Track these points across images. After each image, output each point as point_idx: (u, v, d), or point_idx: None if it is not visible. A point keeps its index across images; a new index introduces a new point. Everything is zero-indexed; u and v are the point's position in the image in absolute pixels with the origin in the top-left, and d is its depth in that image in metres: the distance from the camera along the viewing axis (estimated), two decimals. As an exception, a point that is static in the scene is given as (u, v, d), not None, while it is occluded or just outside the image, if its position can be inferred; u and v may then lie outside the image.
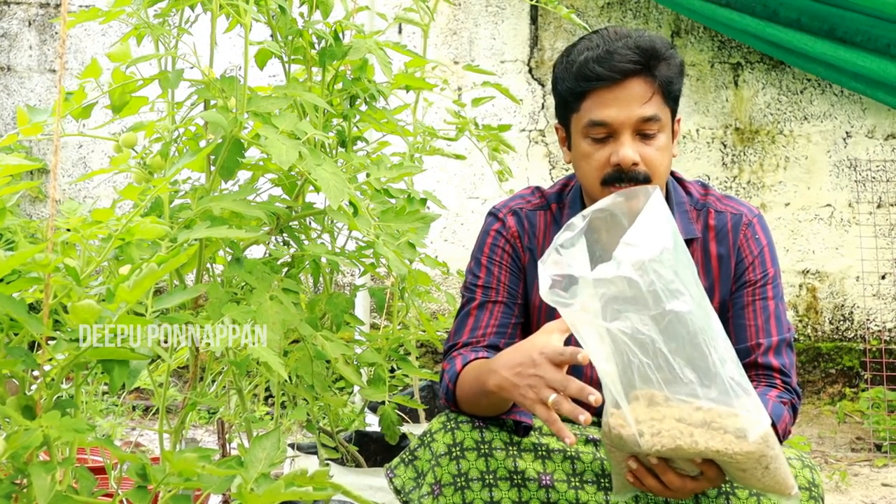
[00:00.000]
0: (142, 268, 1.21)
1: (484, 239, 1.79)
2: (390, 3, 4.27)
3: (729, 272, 1.71)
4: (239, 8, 1.44)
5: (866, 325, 4.24)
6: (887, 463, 3.56)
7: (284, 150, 1.39)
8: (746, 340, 1.68)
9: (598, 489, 1.59)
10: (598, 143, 1.64)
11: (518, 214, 1.79)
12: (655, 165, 1.63)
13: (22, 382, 1.27)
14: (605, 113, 1.62)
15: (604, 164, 1.63)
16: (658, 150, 1.63)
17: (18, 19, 4.77)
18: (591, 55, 1.62)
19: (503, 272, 1.75)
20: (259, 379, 2.04)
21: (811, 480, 1.55)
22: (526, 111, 4.44)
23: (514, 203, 1.81)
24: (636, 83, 1.62)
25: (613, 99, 1.61)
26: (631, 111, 1.61)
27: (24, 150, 4.41)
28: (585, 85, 1.63)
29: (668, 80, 1.63)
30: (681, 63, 1.67)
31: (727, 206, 1.75)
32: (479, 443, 1.59)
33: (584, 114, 1.64)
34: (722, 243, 1.72)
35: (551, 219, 1.78)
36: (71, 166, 4.69)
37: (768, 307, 1.70)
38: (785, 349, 1.68)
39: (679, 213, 1.72)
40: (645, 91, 1.62)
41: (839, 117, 4.28)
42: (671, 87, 1.64)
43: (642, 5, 4.39)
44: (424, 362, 4.30)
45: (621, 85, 1.61)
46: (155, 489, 1.21)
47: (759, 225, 1.74)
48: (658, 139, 1.63)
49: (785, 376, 1.66)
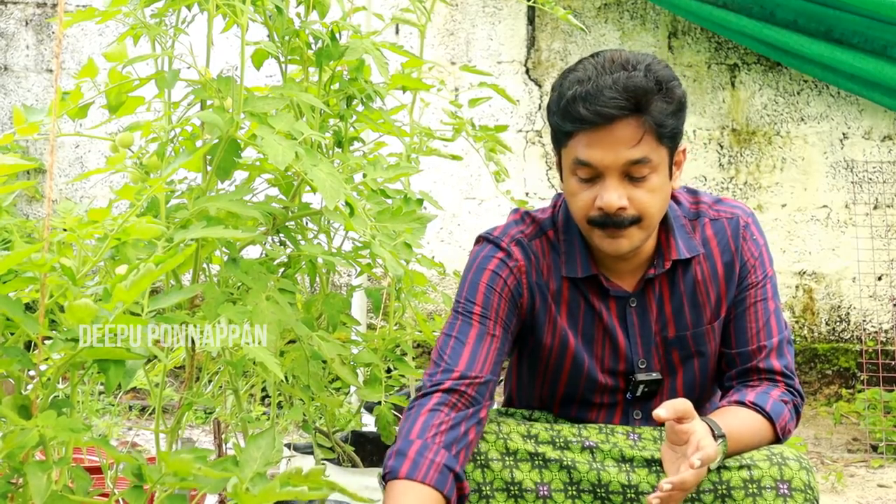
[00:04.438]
0: (138, 268, 1.21)
1: (484, 264, 1.69)
2: (387, 4, 4.27)
3: (734, 277, 1.70)
4: (235, 8, 1.44)
5: (863, 326, 4.25)
6: (883, 464, 3.56)
7: (281, 151, 1.39)
8: (748, 344, 1.69)
9: (595, 498, 1.59)
10: (584, 182, 1.57)
11: (522, 245, 1.70)
12: (645, 206, 1.56)
13: (18, 382, 1.27)
14: (591, 154, 1.54)
15: (589, 205, 1.57)
16: (649, 193, 1.55)
17: (15, 19, 4.76)
18: (579, 91, 1.53)
19: (502, 304, 1.67)
20: (255, 379, 2.03)
21: (807, 483, 1.55)
22: (523, 112, 4.45)
23: (514, 231, 1.72)
24: (624, 125, 1.52)
25: (598, 140, 1.53)
26: (617, 154, 1.52)
27: (21, 149, 4.41)
28: (570, 126, 1.55)
29: (661, 121, 1.53)
30: (679, 99, 1.56)
31: (720, 211, 1.72)
32: (475, 454, 1.59)
33: (571, 151, 1.58)
34: (725, 252, 1.70)
35: (549, 245, 1.71)
36: (67, 166, 4.69)
37: (768, 307, 1.70)
38: (786, 348, 1.69)
39: (678, 230, 1.68)
40: (633, 133, 1.52)
41: (836, 119, 4.29)
42: (664, 128, 1.54)
43: (639, 6, 4.39)
44: (421, 363, 4.30)
45: (607, 128, 1.52)
46: (151, 489, 1.21)
47: (754, 225, 1.74)
48: (650, 181, 1.55)
49: (787, 378, 1.67)
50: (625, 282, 1.70)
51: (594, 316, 1.69)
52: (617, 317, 1.69)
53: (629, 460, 1.61)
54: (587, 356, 1.70)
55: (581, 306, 1.70)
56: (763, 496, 1.54)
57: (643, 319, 1.69)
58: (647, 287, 1.69)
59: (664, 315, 1.70)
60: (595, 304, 1.69)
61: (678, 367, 1.71)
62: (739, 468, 1.56)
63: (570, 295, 1.69)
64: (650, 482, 1.58)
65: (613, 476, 1.59)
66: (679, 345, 1.70)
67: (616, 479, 1.59)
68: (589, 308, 1.70)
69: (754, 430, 1.59)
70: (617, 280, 1.69)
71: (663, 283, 1.69)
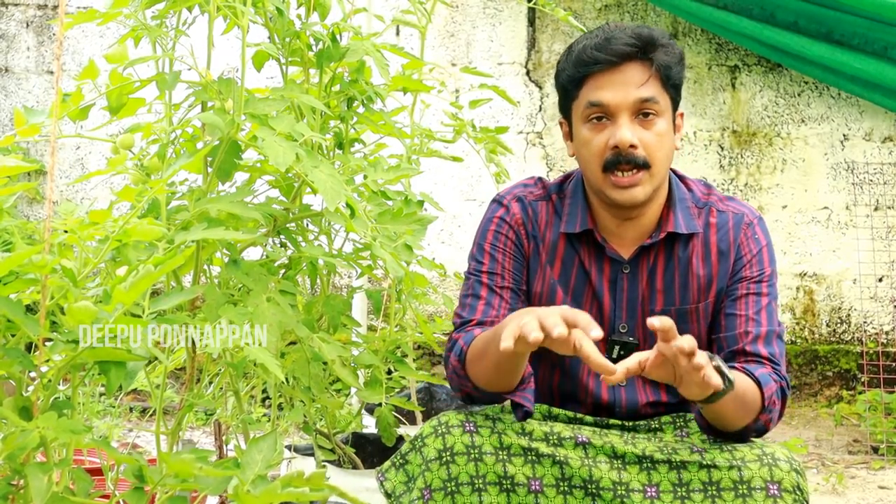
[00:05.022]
0: (139, 269, 1.21)
1: (487, 226, 1.79)
2: (388, 5, 4.27)
3: (727, 268, 1.73)
4: (236, 10, 1.44)
5: (863, 327, 4.25)
6: (884, 465, 3.56)
7: (281, 152, 1.39)
8: (735, 328, 1.69)
9: (586, 494, 1.59)
10: (596, 127, 1.66)
11: (522, 202, 1.79)
12: (654, 150, 1.64)
13: (19, 383, 1.27)
14: (603, 94, 1.64)
15: (603, 148, 1.65)
16: (657, 135, 1.65)
17: (16, 21, 4.76)
18: (589, 43, 1.66)
19: (507, 259, 1.76)
20: (256, 380, 2.04)
21: (796, 485, 1.55)
22: (523, 113, 4.45)
23: (518, 190, 1.81)
24: (633, 66, 1.64)
25: (610, 82, 1.64)
26: (628, 93, 1.63)
27: (22, 151, 4.41)
28: (584, 70, 1.66)
29: (667, 65, 1.65)
30: (681, 53, 1.69)
31: (729, 206, 1.76)
32: (469, 447, 1.59)
33: (583, 98, 1.67)
34: (723, 240, 1.73)
35: (552, 209, 1.78)
36: (68, 168, 4.69)
37: (761, 301, 1.71)
38: (775, 340, 1.69)
39: (681, 209, 1.73)
40: (642, 74, 1.64)
41: (836, 120, 4.29)
42: (670, 73, 1.66)
43: (639, 7, 4.39)
44: (421, 364, 4.30)
45: (618, 68, 1.64)
46: (151, 490, 1.21)
47: (760, 226, 1.75)
48: (657, 124, 1.65)
49: (774, 364, 1.66)
50: (623, 248, 1.74)
51: (585, 275, 1.75)
52: (608, 279, 1.74)
53: (621, 456, 1.61)
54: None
55: (574, 263, 1.75)
56: (753, 497, 1.54)
57: (632, 286, 1.73)
58: (643, 255, 1.73)
59: (654, 286, 1.73)
60: (587, 264, 1.75)
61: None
62: (729, 468, 1.56)
63: (565, 252, 1.76)
64: (640, 480, 1.59)
65: (605, 472, 1.59)
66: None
67: (607, 475, 1.59)
68: (581, 267, 1.75)
69: (746, 387, 1.58)
70: (616, 245, 1.74)
71: (659, 255, 1.73)
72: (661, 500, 1.56)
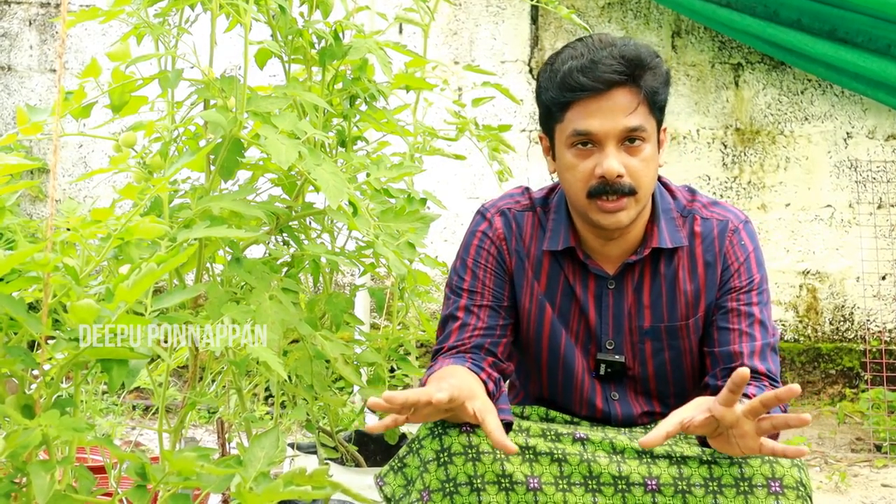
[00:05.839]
0: (141, 267, 1.21)
1: (470, 240, 1.79)
2: (390, 3, 4.27)
3: (715, 279, 1.71)
4: (239, 7, 1.44)
5: (866, 325, 4.24)
6: (887, 464, 3.56)
7: (284, 150, 1.39)
8: (729, 344, 1.67)
9: (586, 491, 1.59)
10: (582, 154, 1.62)
11: (506, 215, 1.78)
12: (640, 176, 1.61)
13: (21, 381, 1.27)
14: (590, 123, 1.59)
15: (588, 175, 1.62)
16: (643, 162, 1.61)
17: (19, 19, 4.77)
18: (574, 65, 1.60)
19: (488, 276, 1.76)
20: (258, 378, 2.04)
21: (799, 480, 1.54)
22: (526, 111, 4.44)
23: (503, 203, 1.81)
24: (621, 93, 1.59)
25: (598, 109, 1.59)
26: (616, 122, 1.59)
27: (24, 149, 4.42)
28: (569, 95, 1.60)
29: (654, 90, 1.61)
30: (666, 72, 1.65)
31: (713, 212, 1.74)
32: (466, 447, 1.59)
33: (568, 124, 1.62)
34: (708, 251, 1.72)
35: (537, 222, 1.77)
36: (71, 166, 4.69)
37: (753, 312, 1.69)
38: (769, 353, 1.68)
39: (665, 221, 1.72)
40: (630, 101, 1.59)
41: (840, 118, 4.28)
42: (657, 97, 1.62)
43: (643, 5, 4.39)
44: (424, 362, 4.30)
45: (606, 95, 1.59)
46: (154, 488, 1.21)
47: (745, 231, 1.73)
48: (643, 150, 1.61)
49: (772, 380, 1.66)
50: (607, 264, 1.74)
51: (571, 291, 1.75)
52: (594, 295, 1.74)
53: (620, 451, 1.61)
54: (563, 328, 1.75)
55: (560, 279, 1.75)
56: (755, 494, 1.53)
57: (618, 301, 1.73)
58: (627, 271, 1.72)
59: (641, 302, 1.72)
60: (572, 280, 1.74)
61: (649, 358, 1.73)
62: (731, 465, 1.56)
63: (550, 267, 1.76)
64: (641, 473, 1.58)
65: (604, 467, 1.59)
66: (653, 336, 1.72)
67: (607, 470, 1.58)
68: (566, 283, 1.75)
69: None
70: (600, 261, 1.73)
71: (645, 271, 1.72)
72: (663, 493, 1.56)
